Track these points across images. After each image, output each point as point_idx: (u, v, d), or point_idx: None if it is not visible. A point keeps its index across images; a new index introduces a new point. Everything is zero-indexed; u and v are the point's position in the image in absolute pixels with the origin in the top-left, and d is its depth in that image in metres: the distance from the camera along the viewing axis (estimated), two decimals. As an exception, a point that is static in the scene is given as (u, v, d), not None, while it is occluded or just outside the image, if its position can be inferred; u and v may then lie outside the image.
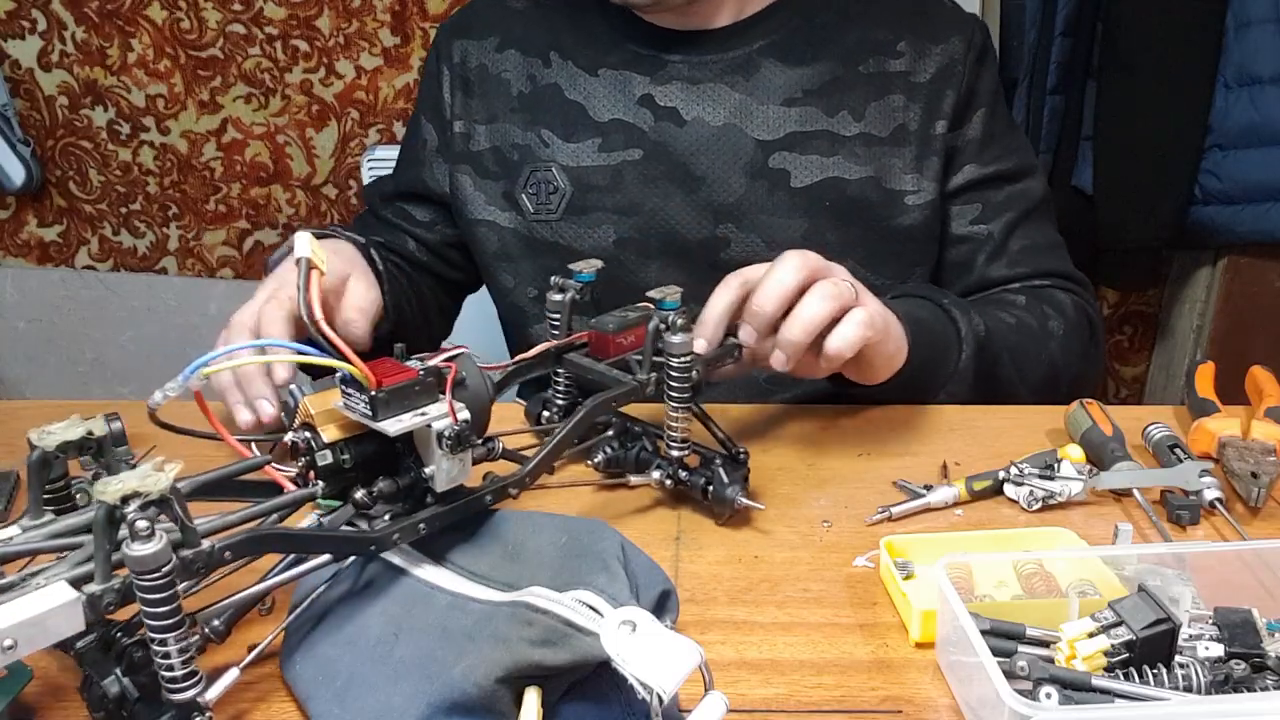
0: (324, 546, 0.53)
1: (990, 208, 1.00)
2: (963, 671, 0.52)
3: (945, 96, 0.97)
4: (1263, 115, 1.57)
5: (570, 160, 0.98)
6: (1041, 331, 0.95)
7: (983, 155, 0.99)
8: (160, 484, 0.43)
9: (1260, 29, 1.56)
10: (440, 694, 0.47)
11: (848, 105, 0.95)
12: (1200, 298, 1.86)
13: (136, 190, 2.13)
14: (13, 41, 2.01)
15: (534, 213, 0.99)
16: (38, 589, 0.44)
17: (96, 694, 0.47)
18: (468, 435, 0.54)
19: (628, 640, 0.45)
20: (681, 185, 0.96)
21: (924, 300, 0.89)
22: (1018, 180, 1.01)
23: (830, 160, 0.95)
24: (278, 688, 0.55)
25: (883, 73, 0.97)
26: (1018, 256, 1.00)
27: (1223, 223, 1.67)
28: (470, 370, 0.58)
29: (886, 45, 0.97)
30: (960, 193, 0.99)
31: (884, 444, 0.81)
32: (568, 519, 0.58)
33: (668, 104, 0.96)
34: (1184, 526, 0.69)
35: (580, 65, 0.99)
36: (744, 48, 0.97)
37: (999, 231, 1.00)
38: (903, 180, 0.96)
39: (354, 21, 1.96)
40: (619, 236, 0.97)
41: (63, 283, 2.21)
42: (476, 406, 0.57)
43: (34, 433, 0.51)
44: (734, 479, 0.68)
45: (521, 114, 1.00)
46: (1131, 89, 1.64)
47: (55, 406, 0.89)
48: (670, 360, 0.66)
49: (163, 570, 0.43)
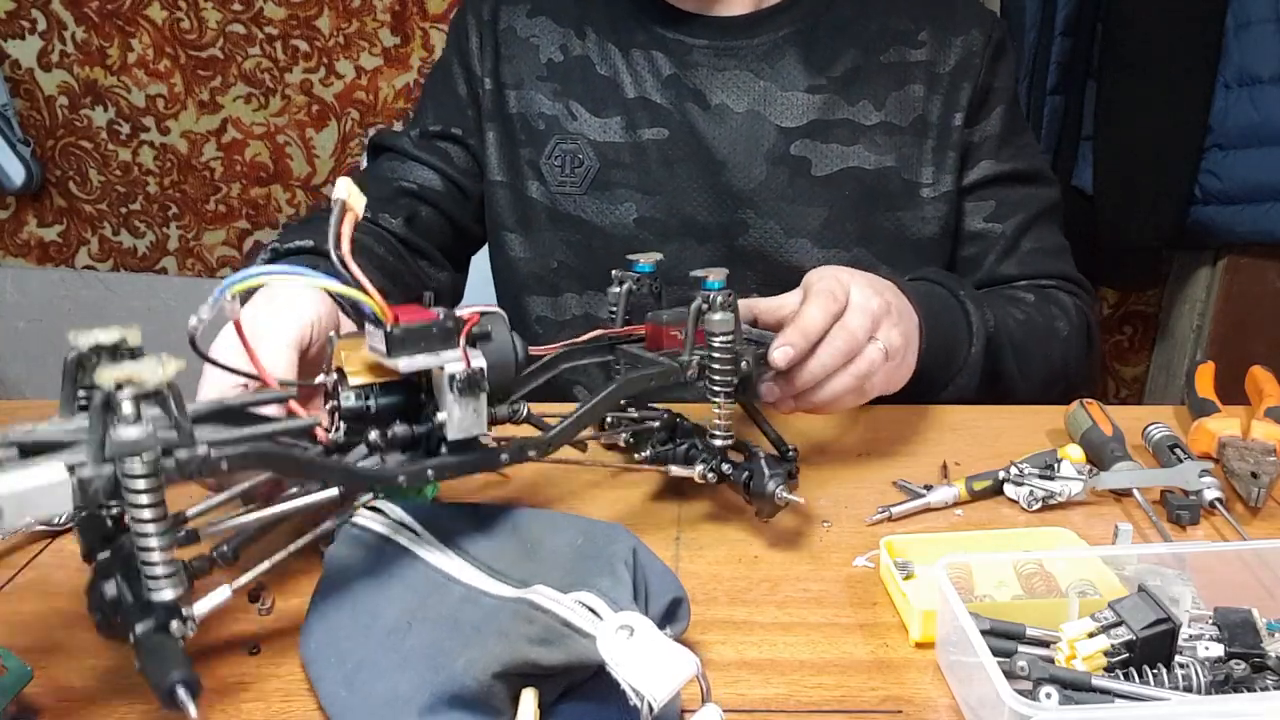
0: (325, 474, 0.53)
1: (1004, 206, 1.00)
2: (963, 671, 0.52)
3: (962, 89, 0.97)
4: (1263, 115, 1.58)
5: (598, 135, 0.98)
6: (1048, 331, 0.95)
7: (1000, 153, 1.00)
8: (157, 376, 0.43)
9: (1260, 29, 1.56)
10: (443, 685, 0.48)
11: (869, 94, 0.96)
12: (1200, 298, 1.86)
13: (136, 190, 2.13)
14: (13, 41, 2.01)
15: (557, 184, 0.99)
16: (33, 465, 0.44)
17: (95, 594, 0.49)
18: (479, 381, 0.54)
19: (624, 645, 0.45)
20: (703, 168, 0.97)
21: (940, 289, 0.89)
22: (1032, 182, 1.02)
23: (850, 149, 0.95)
24: (278, 687, 0.55)
25: (904, 62, 0.97)
26: (1027, 258, 1.00)
27: (1223, 223, 1.67)
28: (498, 328, 0.57)
29: (908, 35, 0.98)
30: (975, 188, 1.00)
31: (884, 444, 0.81)
32: (588, 521, 0.59)
33: (694, 86, 0.97)
34: (1184, 526, 0.69)
35: (612, 41, 0.99)
36: (768, 35, 0.97)
37: (1011, 231, 1.00)
38: (921, 172, 0.97)
39: (354, 21, 1.96)
40: (640, 215, 0.98)
41: (63, 283, 2.21)
42: (499, 363, 0.56)
43: (73, 333, 0.52)
44: (776, 473, 0.65)
45: (550, 83, 1.00)
46: (1131, 89, 1.64)
47: (55, 406, 0.88)
48: (712, 340, 0.64)
49: (144, 459, 0.43)
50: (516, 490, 0.75)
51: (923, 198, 0.97)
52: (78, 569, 0.66)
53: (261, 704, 0.54)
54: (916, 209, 0.97)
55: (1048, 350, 0.95)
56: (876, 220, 0.97)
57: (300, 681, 0.55)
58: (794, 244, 0.96)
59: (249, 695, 0.54)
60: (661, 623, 0.53)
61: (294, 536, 0.56)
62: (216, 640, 0.59)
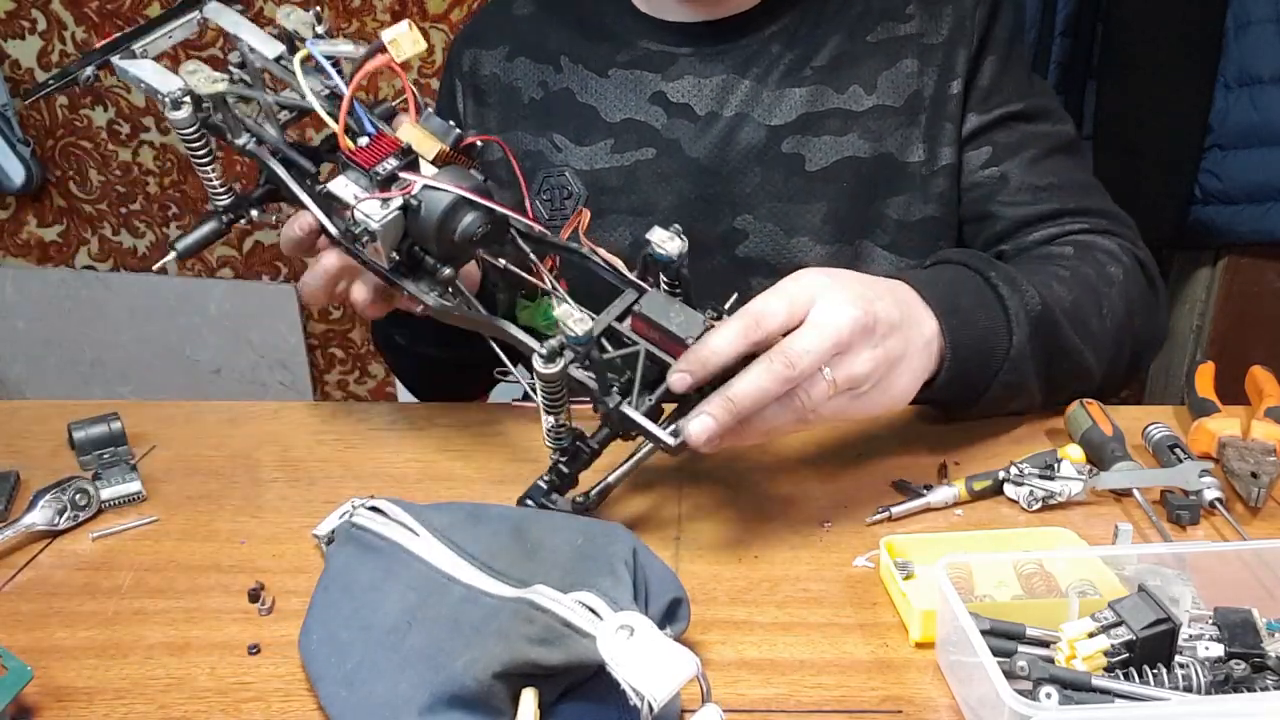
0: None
1: (1001, 148, 0.94)
2: (963, 671, 0.52)
3: (958, 54, 0.94)
4: (1263, 115, 1.57)
5: (584, 163, 0.97)
6: (1100, 279, 0.85)
7: (986, 103, 0.94)
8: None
9: (1260, 29, 1.56)
10: (443, 685, 0.48)
11: (859, 79, 0.94)
12: (1200, 298, 1.86)
13: (136, 190, 2.13)
14: (13, 41, 2.01)
15: (548, 219, 0.98)
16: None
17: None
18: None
19: (624, 645, 0.45)
20: (695, 181, 0.95)
21: (967, 271, 0.78)
22: (1033, 120, 0.95)
23: (844, 140, 0.93)
24: (278, 687, 0.55)
25: (892, 38, 0.94)
26: (1044, 195, 0.92)
27: (1223, 223, 1.67)
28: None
29: (894, 9, 0.95)
30: (966, 142, 0.95)
31: (884, 444, 0.81)
32: (588, 521, 0.59)
33: (680, 100, 0.96)
34: (1184, 526, 0.69)
35: (591, 68, 0.98)
36: (754, 35, 0.96)
37: (1016, 171, 0.93)
38: (917, 151, 0.94)
39: (354, 21, 1.96)
40: (635, 239, 0.96)
41: (63, 283, 2.21)
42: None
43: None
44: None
45: (533, 120, 1.00)
46: (1131, 89, 1.64)
47: (55, 406, 0.89)
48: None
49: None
50: (516, 489, 0.75)
51: (923, 175, 0.93)
52: (78, 569, 0.66)
53: (261, 704, 0.54)
54: (917, 189, 0.94)
55: (1107, 303, 0.84)
56: (877, 208, 0.94)
57: (300, 681, 0.55)
58: (796, 244, 0.94)
59: (249, 695, 0.54)
60: (661, 623, 0.53)
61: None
62: (216, 640, 0.59)
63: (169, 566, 0.66)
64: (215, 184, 0.76)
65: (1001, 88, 0.95)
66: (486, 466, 0.78)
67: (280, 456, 0.80)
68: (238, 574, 0.65)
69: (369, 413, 0.88)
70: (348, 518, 0.61)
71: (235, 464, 0.80)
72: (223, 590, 0.63)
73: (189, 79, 0.70)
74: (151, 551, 0.68)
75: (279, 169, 0.72)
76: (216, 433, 0.85)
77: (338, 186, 0.66)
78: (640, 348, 0.63)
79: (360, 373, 2.29)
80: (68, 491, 0.70)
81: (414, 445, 0.82)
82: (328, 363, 2.28)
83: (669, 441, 0.61)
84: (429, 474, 0.77)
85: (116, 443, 0.77)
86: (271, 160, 0.72)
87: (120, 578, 0.65)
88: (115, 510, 0.73)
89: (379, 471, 0.78)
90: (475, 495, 0.74)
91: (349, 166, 0.66)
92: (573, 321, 0.60)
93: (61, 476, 0.71)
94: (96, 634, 0.60)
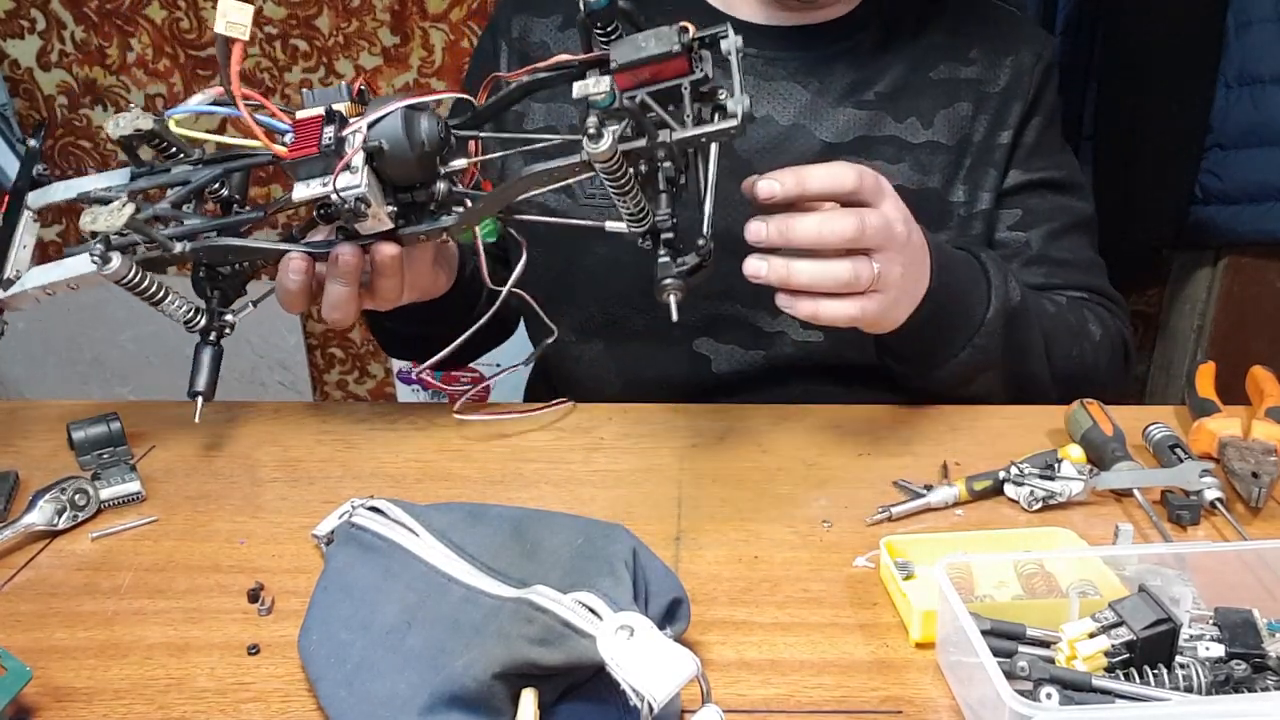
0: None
1: (1031, 214, 0.98)
2: (963, 672, 0.52)
3: (1012, 108, 0.96)
4: (1263, 115, 1.57)
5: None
6: (1079, 329, 0.92)
7: (1030, 162, 0.98)
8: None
9: (1261, 29, 1.56)
10: (443, 685, 0.48)
11: (918, 111, 0.94)
12: (1200, 298, 1.86)
13: (136, 190, 2.13)
14: (12, 41, 2.01)
15: (586, 197, 0.96)
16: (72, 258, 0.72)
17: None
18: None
19: (624, 645, 0.45)
20: (740, 178, 0.94)
21: (966, 251, 0.86)
22: (1064, 192, 0.99)
23: (894, 168, 0.93)
24: (278, 687, 0.55)
25: (954, 79, 0.95)
26: (1055, 268, 0.98)
27: (1223, 223, 1.67)
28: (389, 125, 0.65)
29: (958, 51, 0.96)
30: (1005, 197, 0.98)
31: (884, 444, 0.81)
32: (588, 521, 0.59)
33: None
34: (1184, 526, 0.69)
35: None
36: (820, 50, 0.95)
37: (1037, 240, 0.98)
38: (959, 191, 0.95)
39: (354, 21, 1.96)
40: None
41: (63, 283, 2.21)
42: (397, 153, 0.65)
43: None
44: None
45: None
46: (1131, 89, 1.63)
47: (55, 406, 0.89)
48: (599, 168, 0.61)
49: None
50: (516, 489, 0.75)
51: (960, 215, 0.95)
52: (77, 569, 0.66)
53: (261, 704, 0.54)
54: (955, 228, 0.95)
55: (1078, 348, 0.91)
56: None
57: (300, 681, 0.55)
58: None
59: (249, 695, 0.54)
60: (661, 623, 0.53)
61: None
62: (216, 640, 0.59)
63: (168, 566, 0.66)
64: (181, 313, 0.73)
65: (1044, 151, 0.98)
66: (486, 467, 0.78)
67: (280, 456, 0.80)
68: (237, 574, 0.65)
69: (369, 413, 0.88)
70: (347, 518, 0.61)
71: (235, 464, 0.80)
72: (222, 590, 0.63)
73: (92, 226, 0.66)
74: (151, 552, 0.68)
75: (234, 241, 0.71)
76: (216, 433, 0.85)
77: (302, 193, 0.65)
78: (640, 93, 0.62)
79: (360, 373, 2.29)
80: (67, 491, 0.70)
81: (414, 445, 0.81)
82: (327, 363, 2.28)
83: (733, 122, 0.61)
84: (429, 474, 0.77)
85: (116, 443, 0.77)
86: (221, 240, 0.71)
87: (120, 578, 0.65)
88: (115, 510, 0.72)
89: (379, 471, 0.78)
90: (475, 495, 0.74)
91: (297, 166, 0.65)
92: (592, 86, 0.60)
93: (61, 476, 0.71)
94: (96, 634, 0.60)
